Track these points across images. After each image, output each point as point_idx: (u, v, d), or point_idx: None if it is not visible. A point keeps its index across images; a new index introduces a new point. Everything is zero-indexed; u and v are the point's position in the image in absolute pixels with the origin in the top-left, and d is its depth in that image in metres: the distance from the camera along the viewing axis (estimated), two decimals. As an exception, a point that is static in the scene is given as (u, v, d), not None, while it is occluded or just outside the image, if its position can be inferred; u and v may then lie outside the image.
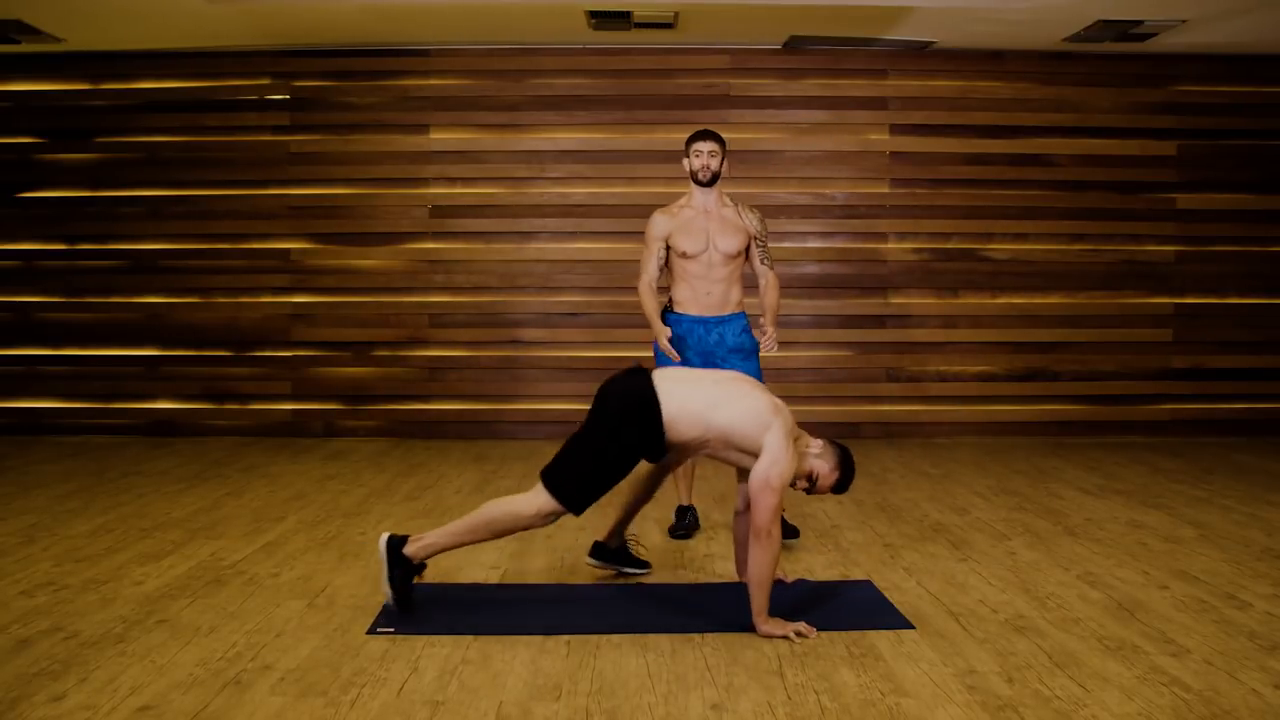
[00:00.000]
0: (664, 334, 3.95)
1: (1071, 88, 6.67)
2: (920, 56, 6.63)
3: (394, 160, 6.65)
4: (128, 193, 6.68)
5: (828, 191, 6.69)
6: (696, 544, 4.00)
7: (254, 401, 6.71)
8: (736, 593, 3.33)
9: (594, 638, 2.91)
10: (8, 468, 5.56)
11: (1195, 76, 6.69)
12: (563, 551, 3.87)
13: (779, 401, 3.09)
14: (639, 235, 6.67)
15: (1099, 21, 5.87)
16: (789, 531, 4.02)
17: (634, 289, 6.62)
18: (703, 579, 3.53)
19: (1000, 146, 6.67)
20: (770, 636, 2.90)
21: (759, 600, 2.93)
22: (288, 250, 6.68)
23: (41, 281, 6.71)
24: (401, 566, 3.04)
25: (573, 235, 6.65)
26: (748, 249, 4.06)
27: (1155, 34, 6.09)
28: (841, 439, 4.50)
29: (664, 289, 4.15)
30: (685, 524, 4.14)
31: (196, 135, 6.66)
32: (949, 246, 6.71)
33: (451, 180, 6.66)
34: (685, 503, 4.20)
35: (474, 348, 6.69)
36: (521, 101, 6.63)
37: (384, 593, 3.05)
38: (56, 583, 3.43)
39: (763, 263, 4.07)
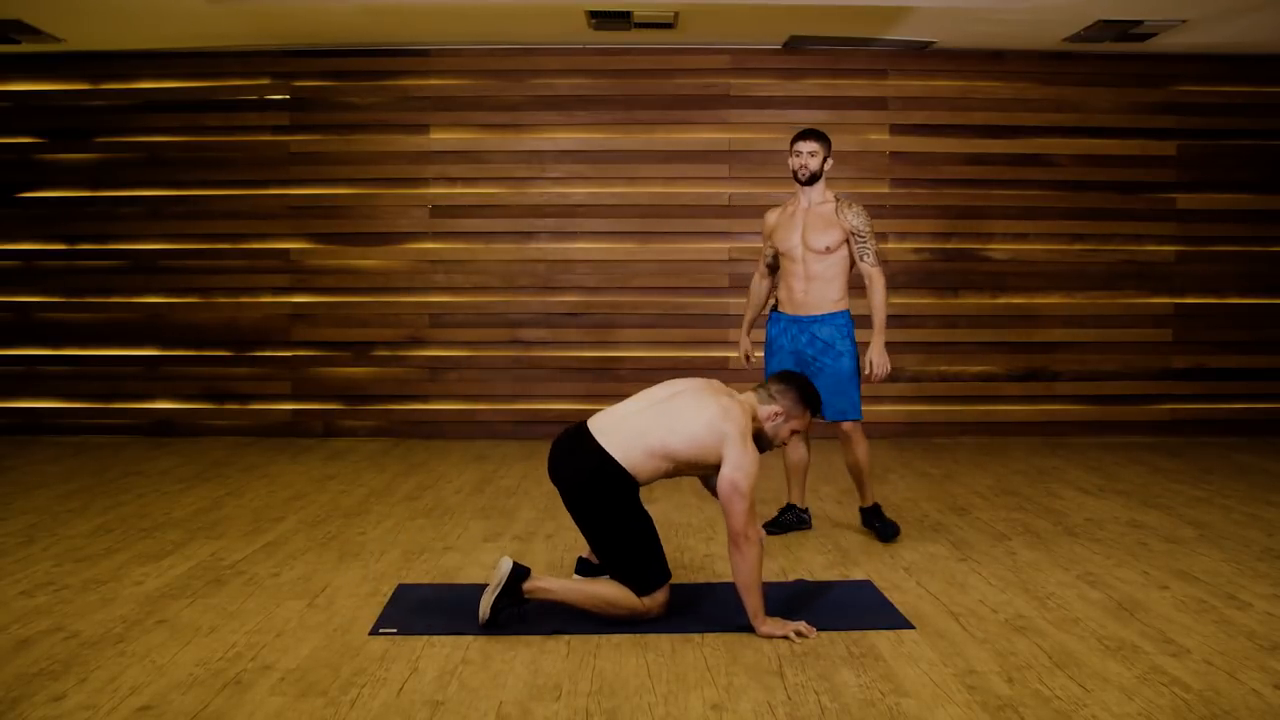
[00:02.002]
0: (742, 349, 4.34)
1: (1071, 88, 6.66)
2: (920, 56, 6.63)
3: (394, 160, 6.65)
4: (128, 193, 6.68)
5: (827, 191, 6.68)
6: (696, 544, 4.00)
7: (254, 401, 6.71)
8: (736, 593, 3.33)
9: (594, 638, 2.91)
10: (8, 468, 5.56)
11: (1195, 76, 6.68)
12: (563, 551, 3.87)
13: (728, 400, 3.04)
14: (639, 235, 6.76)
15: (1099, 21, 5.87)
16: (891, 531, 4.04)
17: (634, 289, 6.69)
18: (703, 579, 3.53)
19: (1000, 146, 6.67)
20: (771, 637, 2.90)
21: (752, 603, 2.92)
22: (288, 250, 6.68)
23: (41, 281, 6.71)
24: (512, 596, 2.96)
25: (573, 235, 6.65)
26: (848, 249, 4.03)
27: (1155, 34, 6.09)
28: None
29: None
30: (783, 519, 4.19)
31: (196, 135, 6.65)
32: (949, 246, 6.71)
33: (451, 180, 6.66)
34: (796, 503, 4.24)
35: (474, 348, 6.69)
36: (522, 101, 6.63)
37: (482, 608, 2.95)
38: (56, 583, 3.43)
39: (862, 259, 4.02)
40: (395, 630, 2.96)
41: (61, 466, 5.59)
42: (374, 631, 2.96)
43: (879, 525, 4.09)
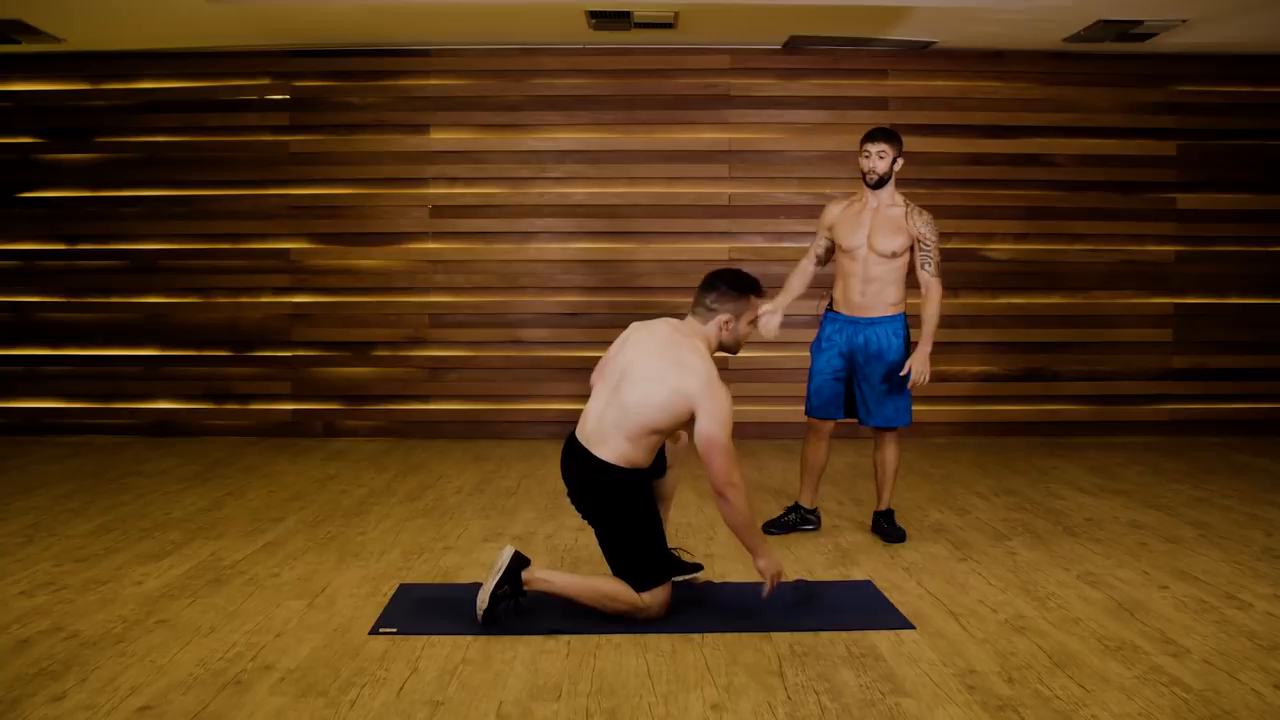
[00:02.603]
0: (774, 307, 3.93)
1: (1071, 88, 6.66)
2: (920, 56, 6.63)
3: (394, 160, 6.65)
4: (128, 193, 6.68)
5: (828, 191, 6.67)
6: (696, 544, 4.00)
7: (254, 401, 6.71)
8: (737, 592, 3.33)
9: (594, 638, 2.91)
10: (8, 468, 5.56)
11: (1195, 76, 6.68)
12: (563, 551, 3.87)
13: (679, 351, 2.99)
14: (639, 235, 6.76)
15: (1099, 21, 5.87)
16: (897, 536, 4.01)
17: (633, 289, 6.69)
18: (703, 579, 3.53)
19: (1000, 146, 6.67)
20: (764, 573, 2.99)
21: (751, 541, 2.99)
22: (288, 250, 6.68)
23: (41, 281, 6.71)
24: (512, 584, 2.97)
25: (573, 235, 6.65)
26: (914, 255, 3.99)
27: (1155, 34, 6.09)
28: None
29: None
30: (785, 519, 4.16)
31: (197, 135, 6.65)
32: (949, 246, 6.67)
33: (451, 180, 6.66)
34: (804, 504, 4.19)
35: (474, 348, 6.69)
36: (522, 101, 6.63)
37: (481, 596, 2.96)
38: (56, 583, 3.43)
39: (923, 268, 3.98)
40: (395, 630, 2.96)
41: (61, 466, 5.59)
42: (374, 631, 2.96)
43: (887, 528, 4.09)
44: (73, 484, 5.11)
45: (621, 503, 3.02)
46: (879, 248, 3.95)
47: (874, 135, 3.99)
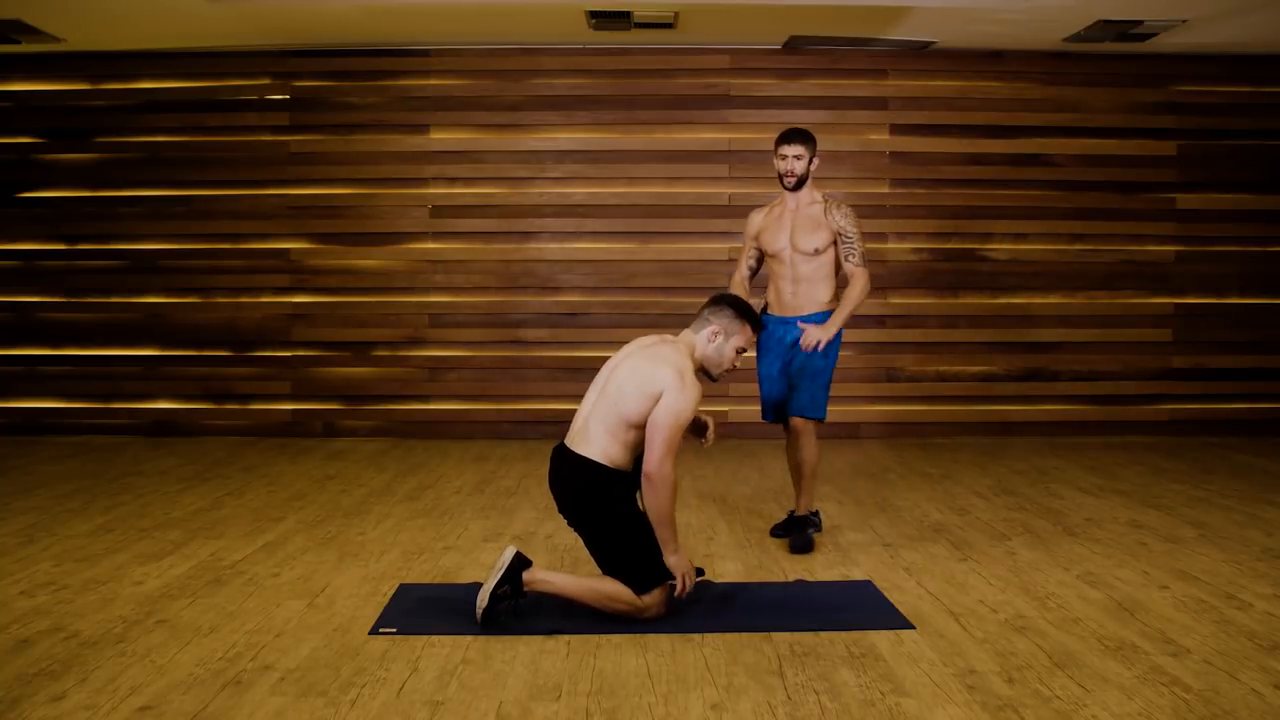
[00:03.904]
0: None
1: (1071, 88, 6.66)
2: (920, 56, 6.63)
3: (394, 160, 6.65)
4: (128, 193, 6.68)
5: (828, 191, 6.68)
6: (696, 544, 4.00)
7: (254, 401, 6.71)
8: (737, 593, 3.33)
9: (594, 638, 2.91)
10: (8, 468, 5.56)
11: (1195, 76, 6.68)
12: (563, 552, 3.87)
13: (661, 348, 3.08)
14: (639, 235, 6.76)
15: (1099, 21, 5.87)
16: (803, 545, 3.90)
17: (633, 289, 6.69)
18: (703, 579, 3.52)
19: (1000, 146, 6.67)
20: (677, 569, 3.02)
21: (663, 533, 3.01)
22: (288, 250, 6.68)
23: (41, 281, 6.71)
24: (513, 584, 2.98)
25: (573, 235, 6.65)
26: (834, 249, 3.95)
27: (1155, 34, 6.09)
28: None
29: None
30: (807, 535, 3.98)
31: (196, 135, 6.65)
32: (949, 246, 6.71)
33: (451, 180, 6.66)
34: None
35: (474, 348, 6.69)
36: (522, 101, 6.63)
37: (481, 596, 2.96)
38: (56, 583, 3.43)
39: (848, 260, 3.94)
40: (395, 630, 2.96)
41: (61, 466, 5.59)
42: (374, 631, 2.96)
43: (796, 536, 3.89)
44: (73, 484, 5.10)
45: (606, 504, 3.03)
46: (802, 246, 3.94)
47: (790, 138, 3.98)
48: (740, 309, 3.18)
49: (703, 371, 3.16)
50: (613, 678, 2.64)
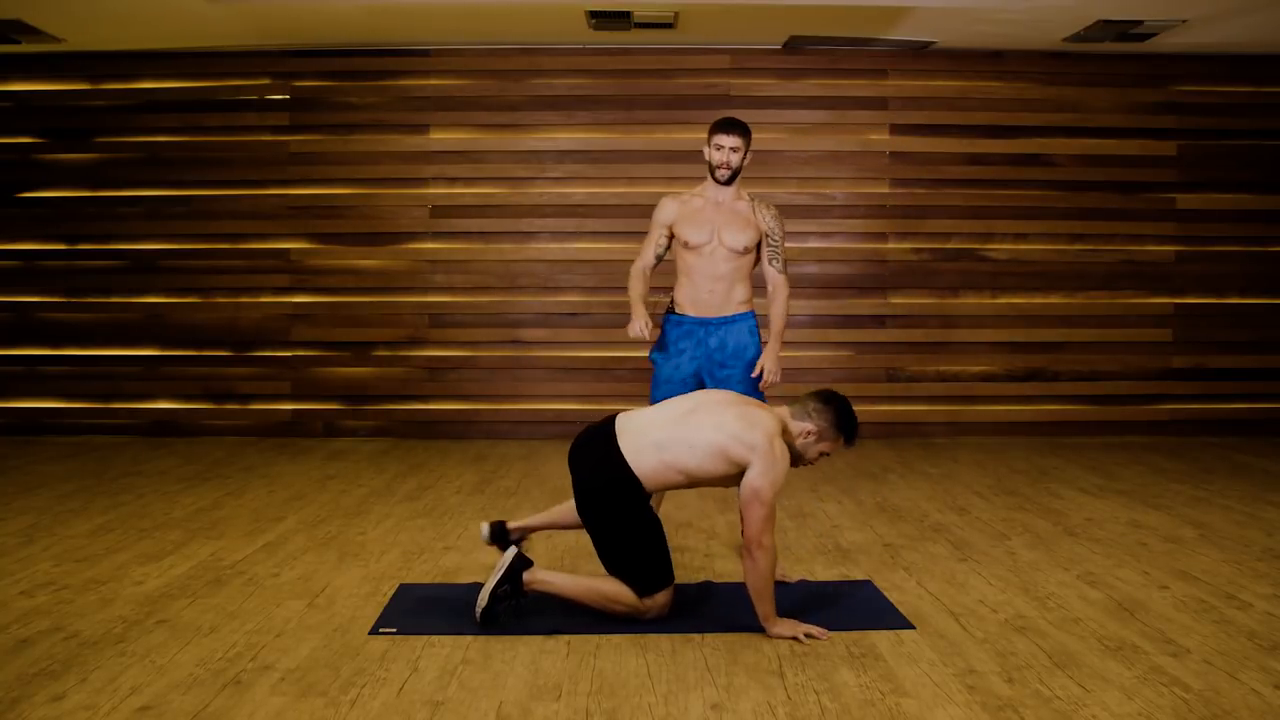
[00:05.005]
0: (640, 319, 3.68)
1: (1071, 88, 6.66)
2: (920, 56, 6.63)
3: (394, 160, 6.65)
4: (128, 193, 6.68)
5: (828, 191, 6.69)
6: (696, 544, 4.00)
7: (254, 401, 6.71)
8: (737, 593, 3.33)
9: (594, 638, 2.91)
10: (8, 468, 5.56)
11: (1195, 76, 6.68)
12: (562, 551, 3.87)
13: (754, 410, 3.00)
14: (639, 235, 6.70)
15: (1099, 21, 5.87)
16: None
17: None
18: (703, 579, 3.53)
19: (1000, 146, 6.67)
20: (781, 638, 2.90)
21: (763, 609, 2.91)
22: (288, 250, 6.68)
23: (41, 281, 6.71)
24: (513, 584, 2.97)
25: (573, 235, 6.65)
26: (759, 250, 3.79)
27: (1155, 34, 6.09)
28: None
29: (669, 289, 3.94)
30: None
31: (196, 135, 6.65)
32: (949, 246, 6.71)
33: (451, 180, 6.66)
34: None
35: (474, 348, 6.69)
36: (521, 101, 6.63)
37: (482, 596, 2.95)
38: (56, 583, 3.43)
39: (772, 264, 3.79)
40: (395, 630, 2.96)
41: (61, 466, 5.59)
42: (374, 631, 2.96)
43: None
44: (73, 484, 5.11)
45: (628, 504, 2.98)
46: (730, 244, 3.72)
47: (730, 128, 3.76)
48: (844, 420, 3.06)
49: None
50: (613, 678, 2.64)
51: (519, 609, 3.00)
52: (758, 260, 3.80)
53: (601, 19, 5.90)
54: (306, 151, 6.65)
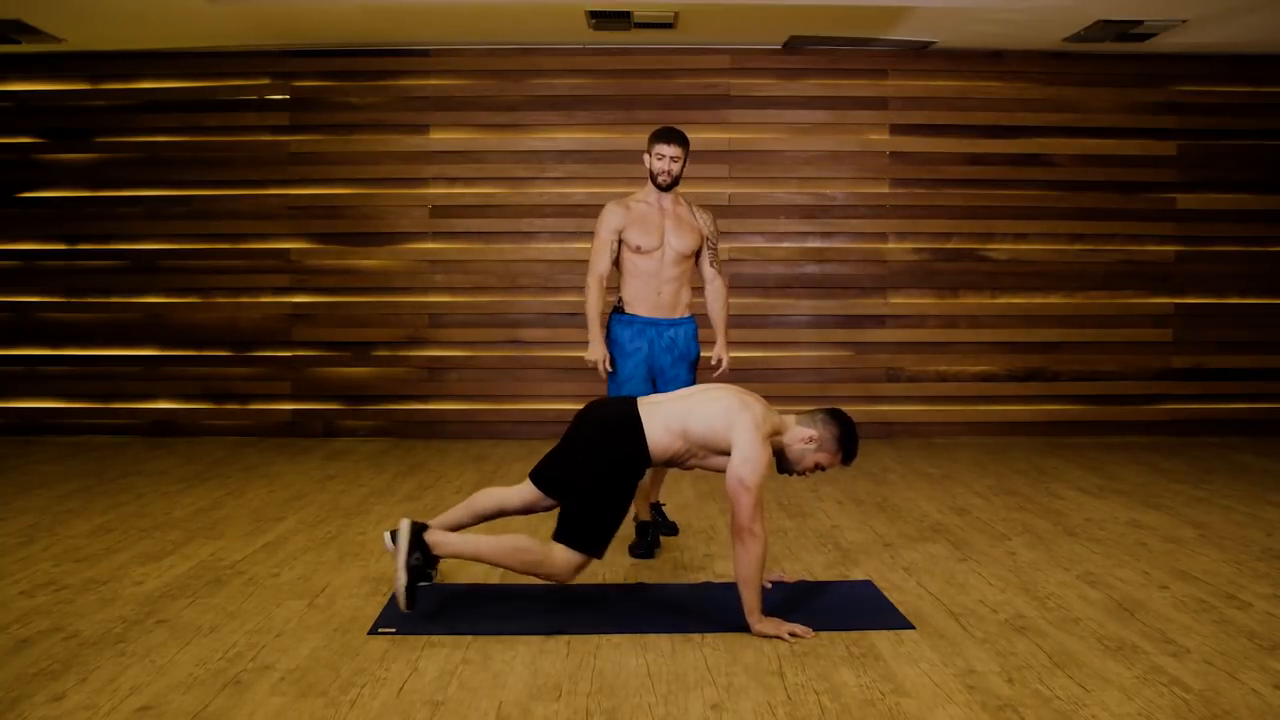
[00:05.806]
0: (600, 350, 3.90)
1: (1071, 88, 6.67)
2: (920, 56, 6.63)
3: (394, 160, 6.65)
4: (128, 193, 6.68)
5: (828, 191, 6.69)
6: (696, 544, 4.00)
7: (254, 401, 6.71)
8: (736, 592, 3.33)
9: (594, 638, 2.91)
10: (8, 468, 5.56)
11: (1195, 76, 6.69)
12: (563, 551, 3.86)
13: (747, 397, 3.08)
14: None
15: (1099, 21, 5.87)
16: (670, 528, 4.08)
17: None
18: (703, 579, 3.53)
19: (1000, 146, 6.67)
20: (764, 636, 2.90)
21: (748, 599, 2.93)
22: (288, 250, 6.68)
23: (41, 281, 6.71)
24: (421, 549, 3.01)
25: (573, 235, 6.65)
26: (699, 251, 4.02)
27: (1155, 34, 6.09)
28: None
29: (612, 289, 4.03)
30: (647, 542, 3.83)
31: (196, 135, 6.65)
32: (949, 246, 6.71)
33: (451, 180, 6.66)
34: (645, 518, 3.88)
35: (474, 348, 6.69)
36: (521, 101, 6.63)
37: (399, 580, 2.95)
38: (56, 583, 3.43)
39: (711, 265, 4.05)
40: (395, 630, 2.96)
41: (61, 466, 5.59)
42: (374, 631, 2.96)
43: (638, 541, 3.82)
44: (73, 484, 5.10)
45: (622, 464, 3.01)
46: (678, 247, 3.94)
47: (670, 138, 3.95)
48: (847, 437, 3.12)
49: (778, 454, 3.10)
50: (613, 678, 2.64)
51: (429, 576, 3.11)
52: (696, 262, 4.05)
53: (601, 19, 5.90)
54: (306, 151, 6.65)
